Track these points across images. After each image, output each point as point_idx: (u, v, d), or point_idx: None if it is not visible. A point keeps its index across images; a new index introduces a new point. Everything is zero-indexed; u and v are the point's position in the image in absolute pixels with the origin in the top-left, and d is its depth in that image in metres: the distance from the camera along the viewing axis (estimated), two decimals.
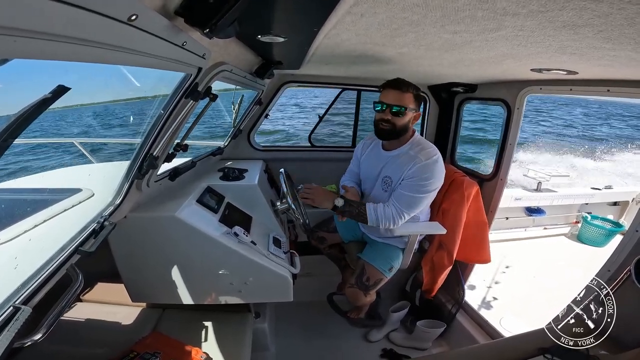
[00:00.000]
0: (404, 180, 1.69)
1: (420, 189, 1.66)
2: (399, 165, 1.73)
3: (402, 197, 1.68)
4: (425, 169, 1.64)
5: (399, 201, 1.69)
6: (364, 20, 0.85)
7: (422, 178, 1.65)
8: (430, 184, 1.65)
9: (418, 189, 1.66)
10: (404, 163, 1.70)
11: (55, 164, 3.27)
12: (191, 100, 1.17)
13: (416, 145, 1.74)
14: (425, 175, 1.64)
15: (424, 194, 1.67)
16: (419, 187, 1.66)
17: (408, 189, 1.68)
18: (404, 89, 1.64)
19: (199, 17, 0.68)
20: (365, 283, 1.87)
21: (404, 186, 1.69)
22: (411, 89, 1.65)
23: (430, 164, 1.64)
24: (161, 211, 1.37)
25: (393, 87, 1.65)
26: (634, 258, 1.23)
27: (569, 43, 0.92)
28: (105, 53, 0.59)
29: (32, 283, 0.83)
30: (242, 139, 2.67)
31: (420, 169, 1.64)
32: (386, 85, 1.68)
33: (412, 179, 1.66)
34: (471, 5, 0.70)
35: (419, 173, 1.65)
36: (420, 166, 1.64)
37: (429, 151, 1.69)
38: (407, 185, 1.68)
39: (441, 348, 2.33)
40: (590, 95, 1.73)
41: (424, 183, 1.65)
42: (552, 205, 4.04)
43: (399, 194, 1.70)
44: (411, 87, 1.65)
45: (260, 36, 1.11)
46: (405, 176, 1.68)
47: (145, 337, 1.45)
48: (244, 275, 1.48)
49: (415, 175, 1.66)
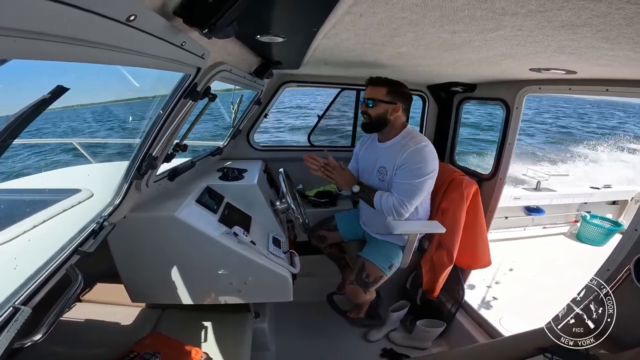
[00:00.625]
0: (398, 170, 1.76)
1: (414, 174, 1.71)
2: (391, 154, 1.81)
3: (399, 186, 1.74)
4: (415, 153, 1.71)
5: (397, 191, 1.75)
6: (363, 20, 0.86)
7: (413, 163, 1.71)
8: (422, 167, 1.70)
9: (412, 175, 1.71)
10: (396, 152, 1.78)
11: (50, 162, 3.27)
12: (190, 101, 1.17)
13: (407, 135, 1.83)
14: (416, 159, 1.71)
15: (418, 179, 1.71)
16: (412, 173, 1.71)
17: (402, 176, 1.74)
18: (377, 83, 1.79)
19: (198, 17, 0.67)
20: (365, 280, 1.87)
21: (398, 175, 1.76)
22: (385, 84, 1.78)
23: (419, 149, 1.72)
24: (160, 211, 1.37)
25: (369, 84, 1.82)
26: (633, 257, 1.23)
27: (568, 43, 0.92)
28: (104, 53, 0.59)
29: (32, 283, 0.83)
30: (242, 139, 2.67)
31: (410, 154, 1.72)
32: (365, 83, 1.85)
33: (403, 166, 1.73)
34: (470, 5, 0.70)
35: (409, 159, 1.72)
36: (410, 152, 1.72)
37: (418, 139, 1.78)
38: (401, 173, 1.75)
39: (441, 348, 2.33)
40: (589, 94, 1.73)
41: (415, 167, 1.71)
42: (551, 204, 4.05)
43: (395, 184, 1.77)
44: (386, 82, 1.78)
45: (260, 36, 1.11)
46: (398, 164, 1.75)
47: (145, 337, 1.45)
48: (243, 275, 1.48)
49: (406, 162, 1.73)
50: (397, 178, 1.76)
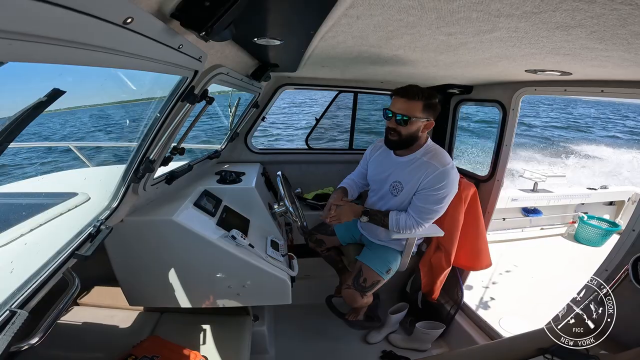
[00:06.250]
0: (420, 192, 1.67)
1: (437, 199, 1.65)
2: (410, 171, 1.70)
3: (419, 209, 1.68)
4: (440, 177, 1.61)
5: (416, 213, 1.69)
6: (360, 22, 0.86)
7: (438, 188, 1.62)
8: (445, 193, 1.63)
9: (435, 201, 1.65)
10: (417, 169, 1.68)
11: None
12: (187, 104, 1.17)
13: (430, 151, 1.70)
14: (441, 184, 1.62)
15: (440, 204, 1.66)
16: (434, 199, 1.64)
17: (423, 200, 1.67)
18: (412, 96, 1.58)
19: (195, 20, 0.68)
20: (362, 284, 1.86)
21: (419, 197, 1.68)
22: (420, 97, 1.58)
23: (445, 173, 1.61)
24: (158, 215, 1.37)
25: (401, 95, 1.60)
26: (631, 257, 1.24)
27: (563, 44, 0.93)
28: (101, 56, 0.59)
29: (29, 287, 0.83)
30: (239, 142, 2.67)
31: (436, 178, 1.62)
32: (395, 93, 1.63)
33: (426, 189, 1.65)
34: (466, 7, 0.70)
35: (433, 183, 1.62)
36: (435, 175, 1.62)
37: (442, 159, 1.66)
38: (422, 197, 1.67)
39: (441, 349, 2.32)
40: (584, 95, 1.74)
41: (439, 193, 1.63)
42: (548, 205, 4.06)
43: (415, 205, 1.69)
44: (421, 94, 1.58)
45: (257, 39, 1.11)
46: (420, 187, 1.66)
47: (143, 341, 1.44)
48: (242, 279, 1.47)
49: (429, 186, 1.63)
50: (418, 201, 1.68)
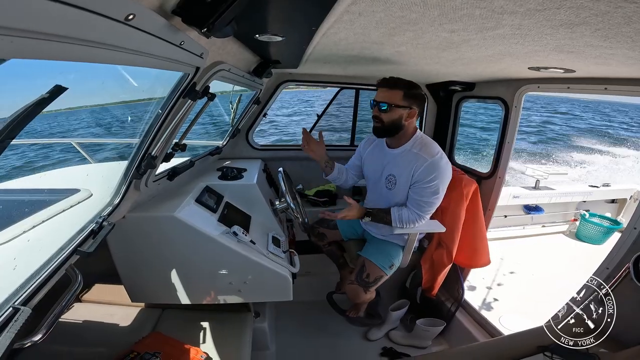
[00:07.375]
0: (415, 185, 1.72)
1: (431, 191, 1.70)
2: (402, 163, 1.76)
3: (416, 203, 1.74)
4: (430, 169, 1.67)
5: (414, 206, 1.75)
6: (362, 18, 0.85)
7: (429, 180, 1.67)
8: (438, 184, 1.68)
9: (429, 193, 1.70)
10: (408, 161, 1.73)
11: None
12: (189, 100, 1.16)
13: (418, 143, 1.75)
14: (432, 175, 1.67)
15: (435, 196, 1.71)
16: (428, 191, 1.70)
17: (418, 193, 1.72)
18: (392, 86, 1.66)
19: (196, 16, 0.67)
20: (365, 280, 1.87)
21: (414, 191, 1.74)
22: (401, 87, 1.65)
23: (434, 164, 1.67)
24: (160, 211, 1.37)
25: (382, 85, 1.68)
26: (632, 255, 1.23)
27: (566, 41, 0.92)
28: (103, 53, 0.59)
29: (32, 284, 0.83)
30: (241, 139, 2.67)
31: (426, 170, 1.67)
32: (378, 84, 1.71)
33: (419, 183, 1.70)
34: (469, 4, 0.70)
35: (424, 175, 1.68)
36: (425, 167, 1.67)
37: (431, 150, 1.71)
38: (417, 190, 1.72)
39: (441, 346, 2.33)
40: (588, 93, 1.74)
41: (432, 185, 1.68)
42: (550, 203, 4.05)
43: (412, 199, 1.75)
44: (402, 84, 1.65)
45: (258, 35, 1.11)
46: (413, 180, 1.72)
47: (145, 337, 1.45)
48: (243, 275, 1.48)
49: (421, 179, 1.69)
50: (415, 194, 1.74)
